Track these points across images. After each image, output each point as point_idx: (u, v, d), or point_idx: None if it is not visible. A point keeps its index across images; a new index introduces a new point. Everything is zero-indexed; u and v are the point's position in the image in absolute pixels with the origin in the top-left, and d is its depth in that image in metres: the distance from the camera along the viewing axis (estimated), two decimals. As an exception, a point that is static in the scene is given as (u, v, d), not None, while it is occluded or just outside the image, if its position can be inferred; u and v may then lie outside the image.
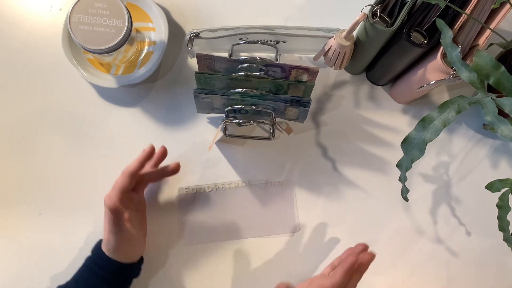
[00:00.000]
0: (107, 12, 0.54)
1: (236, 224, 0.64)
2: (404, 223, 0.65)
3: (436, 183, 0.66)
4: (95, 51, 0.54)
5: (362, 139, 0.66)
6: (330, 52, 0.58)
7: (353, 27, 0.53)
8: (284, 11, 0.68)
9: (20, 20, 0.66)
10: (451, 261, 0.64)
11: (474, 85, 0.47)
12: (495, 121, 0.45)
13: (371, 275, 0.63)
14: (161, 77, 0.66)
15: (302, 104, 0.55)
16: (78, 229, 0.62)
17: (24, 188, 0.63)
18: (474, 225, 0.65)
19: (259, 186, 0.64)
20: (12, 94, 0.65)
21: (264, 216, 0.64)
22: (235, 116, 0.60)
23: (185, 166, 0.64)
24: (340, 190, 0.65)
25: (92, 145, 0.64)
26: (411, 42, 0.52)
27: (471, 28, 0.53)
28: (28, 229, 0.62)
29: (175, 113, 0.65)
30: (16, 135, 0.64)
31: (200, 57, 0.54)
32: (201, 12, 0.67)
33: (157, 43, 0.63)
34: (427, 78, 0.55)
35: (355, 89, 0.67)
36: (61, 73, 0.65)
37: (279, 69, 0.55)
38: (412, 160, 0.47)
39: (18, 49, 0.65)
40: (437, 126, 0.46)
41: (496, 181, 0.50)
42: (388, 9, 0.53)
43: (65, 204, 0.63)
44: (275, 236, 0.63)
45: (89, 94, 0.65)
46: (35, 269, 0.61)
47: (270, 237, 0.63)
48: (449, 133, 0.67)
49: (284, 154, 0.65)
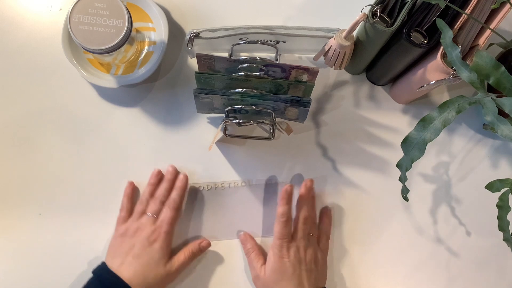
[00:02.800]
0: (107, 12, 0.54)
1: (236, 224, 0.64)
2: (404, 223, 0.65)
3: (436, 183, 0.66)
4: (95, 51, 0.54)
5: (362, 139, 0.66)
6: (330, 52, 0.58)
7: (353, 27, 0.53)
8: (284, 11, 0.68)
9: (20, 20, 0.66)
10: (451, 261, 0.64)
11: (474, 85, 0.47)
12: (495, 121, 0.45)
13: (371, 275, 0.63)
14: (161, 77, 0.66)
15: (302, 104, 0.55)
16: (78, 229, 0.62)
17: (24, 188, 0.63)
18: (474, 225, 0.65)
19: (259, 186, 0.64)
20: (12, 94, 0.65)
21: (264, 216, 0.64)
22: (235, 116, 0.60)
23: (185, 166, 0.64)
24: (340, 190, 0.65)
25: (92, 145, 0.64)
26: (411, 42, 0.52)
27: (471, 28, 0.53)
28: (28, 229, 0.62)
29: (175, 113, 0.65)
30: (16, 135, 0.64)
31: (200, 57, 0.54)
32: (201, 12, 0.67)
33: (157, 43, 0.63)
34: (427, 78, 0.55)
35: (355, 89, 0.67)
36: (61, 73, 0.65)
37: (279, 69, 0.55)
38: (412, 160, 0.47)
39: (18, 49, 0.65)
40: (437, 126, 0.46)
41: (496, 181, 0.50)
42: (388, 9, 0.53)
43: (65, 204, 0.63)
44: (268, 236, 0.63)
45: (89, 94, 0.65)
46: (35, 269, 0.61)
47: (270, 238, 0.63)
48: (449, 133, 0.67)
49: (284, 154, 0.65)
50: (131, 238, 0.57)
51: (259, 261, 0.59)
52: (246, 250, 0.61)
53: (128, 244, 0.57)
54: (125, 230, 0.59)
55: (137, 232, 0.58)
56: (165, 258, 0.57)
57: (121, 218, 0.61)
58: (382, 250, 0.64)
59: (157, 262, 0.56)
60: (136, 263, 0.55)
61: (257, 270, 0.59)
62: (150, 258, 0.56)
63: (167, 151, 0.64)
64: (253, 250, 0.60)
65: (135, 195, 0.63)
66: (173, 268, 0.57)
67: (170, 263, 0.57)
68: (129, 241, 0.57)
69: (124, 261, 0.56)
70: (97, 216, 0.63)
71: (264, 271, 0.58)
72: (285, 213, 0.58)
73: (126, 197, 0.62)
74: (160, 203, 0.59)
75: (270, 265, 0.58)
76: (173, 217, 0.58)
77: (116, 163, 0.64)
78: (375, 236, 0.64)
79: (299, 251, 0.58)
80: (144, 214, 0.59)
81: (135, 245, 0.57)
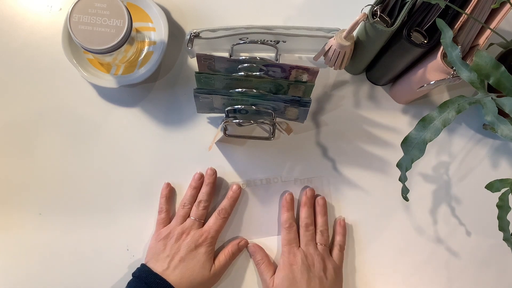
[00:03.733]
0: (107, 12, 0.54)
1: (235, 224, 0.63)
2: (404, 223, 0.65)
3: (436, 183, 0.66)
4: (95, 51, 0.54)
5: (362, 139, 0.66)
6: (330, 52, 0.58)
7: (353, 27, 0.53)
8: (284, 11, 0.68)
9: (20, 20, 0.66)
10: (451, 261, 0.64)
11: (474, 85, 0.47)
12: (495, 121, 0.45)
13: (370, 275, 0.63)
14: (161, 77, 0.66)
15: (302, 104, 0.55)
16: (78, 229, 0.62)
17: (24, 188, 0.63)
18: (474, 225, 0.65)
19: (259, 186, 0.64)
20: (12, 94, 0.65)
21: (264, 217, 0.64)
22: (235, 116, 0.60)
23: (185, 166, 0.64)
24: (340, 190, 0.65)
25: (92, 145, 0.64)
26: (411, 42, 0.52)
27: (471, 28, 0.53)
28: (28, 229, 0.62)
29: (175, 113, 0.65)
30: (16, 135, 0.64)
31: (200, 57, 0.54)
32: (201, 12, 0.67)
33: (157, 43, 0.63)
34: (427, 78, 0.55)
35: (355, 89, 0.67)
36: (61, 73, 0.65)
37: (279, 69, 0.55)
38: (412, 160, 0.47)
39: (18, 49, 0.65)
40: (437, 126, 0.46)
41: (496, 181, 0.50)
42: (388, 9, 0.53)
43: (65, 204, 0.63)
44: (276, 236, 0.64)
45: (89, 94, 0.65)
46: (35, 269, 0.61)
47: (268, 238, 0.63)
48: (449, 133, 0.67)
49: (284, 154, 0.65)
50: (176, 242, 0.57)
51: (269, 272, 0.59)
52: (256, 261, 0.61)
53: (173, 248, 0.57)
54: (168, 233, 0.58)
55: (182, 236, 0.58)
56: (210, 262, 0.57)
57: (161, 220, 0.61)
58: (382, 250, 0.64)
59: (203, 266, 0.56)
60: (183, 266, 0.56)
61: (267, 282, 0.58)
62: (197, 262, 0.56)
63: (167, 151, 0.64)
64: (263, 262, 0.60)
65: (172, 196, 0.63)
66: (217, 271, 0.58)
67: (213, 266, 0.58)
68: (174, 244, 0.57)
69: (170, 265, 0.56)
70: (97, 216, 0.63)
71: (273, 281, 0.58)
72: (287, 219, 0.59)
73: (163, 198, 0.62)
74: (203, 208, 0.60)
75: (279, 273, 0.58)
76: (221, 224, 0.60)
77: (116, 163, 0.64)
78: (375, 236, 0.64)
79: (307, 258, 0.58)
80: (187, 218, 0.60)
81: (180, 249, 0.57)
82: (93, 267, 0.61)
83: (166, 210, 0.61)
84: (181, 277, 0.55)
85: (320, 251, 0.59)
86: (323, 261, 0.58)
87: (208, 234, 0.58)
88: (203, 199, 0.60)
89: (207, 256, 0.57)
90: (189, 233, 0.58)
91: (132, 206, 0.63)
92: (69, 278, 0.61)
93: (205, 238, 0.58)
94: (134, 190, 0.64)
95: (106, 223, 0.62)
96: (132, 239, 0.62)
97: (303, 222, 0.60)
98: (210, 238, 0.58)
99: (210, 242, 0.58)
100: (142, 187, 0.64)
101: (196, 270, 0.56)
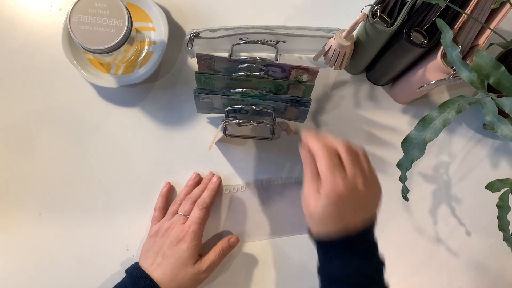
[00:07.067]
0: (107, 12, 0.54)
1: (235, 224, 0.64)
2: (404, 223, 0.65)
3: (436, 183, 0.66)
4: (95, 51, 0.54)
5: (362, 139, 0.66)
6: (330, 52, 0.58)
7: (353, 27, 0.53)
8: (284, 11, 0.68)
9: (20, 20, 0.66)
10: (451, 261, 0.64)
11: (474, 85, 0.47)
12: (495, 121, 0.45)
13: (371, 275, 0.63)
14: (161, 77, 0.66)
15: (302, 104, 0.55)
16: (78, 229, 0.62)
17: (24, 188, 0.63)
18: (474, 225, 0.65)
19: (259, 186, 0.64)
20: (12, 94, 0.65)
21: (264, 217, 0.64)
22: (235, 116, 0.60)
23: (185, 166, 0.64)
24: (340, 190, 0.65)
25: (92, 145, 0.64)
26: (411, 42, 0.52)
27: (471, 28, 0.53)
28: (28, 229, 0.62)
29: (175, 113, 0.65)
30: (16, 135, 0.64)
31: (200, 57, 0.54)
32: (201, 12, 0.67)
33: (157, 43, 0.63)
34: (427, 78, 0.55)
35: (355, 89, 0.67)
36: (61, 73, 0.65)
37: (279, 69, 0.55)
38: (412, 160, 0.47)
39: (18, 49, 0.65)
40: (437, 126, 0.46)
41: (496, 181, 0.50)
42: (388, 9, 0.53)
43: (65, 204, 0.63)
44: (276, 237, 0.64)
45: (89, 94, 0.65)
46: (34, 269, 0.61)
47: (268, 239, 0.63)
48: (449, 133, 0.67)
49: (285, 154, 0.65)
50: (161, 238, 0.57)
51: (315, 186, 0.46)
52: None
53: (158, 244, 0.57)
54: (157, 229, 0.59)
55: (167, 231, 0.58)
56: (193, 258, 0.57)
57: (154, 218, 0.61)
58: (382, 250, 0.64)
59: (185, 262, 0.56)
60: (165, 263, 0.55)
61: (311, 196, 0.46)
62: (178, 258, 0.56)
63: (167, 151, 0.64)
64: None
65: (170, 195, 0.63)
66: (203, 267, 0.57)
67: (199, 262, 0.57)
68: (159, 240, 0.57)
69: (154, 261, 0.56)
70: (97, 216, 0.63)
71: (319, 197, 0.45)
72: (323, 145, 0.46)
73: (161, 196, 0.62)
74: (192, 203, 0.60)
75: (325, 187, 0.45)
76: (201, 216, 0.58)
77: (116, 163, 0.64)
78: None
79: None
80: (176, 214, 0.60)
81: (164, 245, 0.57)
82: (93, 267, 0.61)
83: (159, 208, 0.61)
84: (163, 273, 0.54)
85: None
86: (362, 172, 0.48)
87: (189, 228, 0.57)
88: (193, 195, 0.60)
89: (190, 251, 0.56)
90: (173, 228, 0.58)
91: (132, 206, 0.63)
92: (69, 278, 0.61)
93: (186, 232, 0.57)
94: (134, 190, 0.64)
95: (106, 223, 0.62)
96: (132, 239, 0.62)
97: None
98: (191, 232, 0.56)
99: (192, 236, 0.56)
100: (142, 187, 0.64)
101: (178, 265, 0.55)
